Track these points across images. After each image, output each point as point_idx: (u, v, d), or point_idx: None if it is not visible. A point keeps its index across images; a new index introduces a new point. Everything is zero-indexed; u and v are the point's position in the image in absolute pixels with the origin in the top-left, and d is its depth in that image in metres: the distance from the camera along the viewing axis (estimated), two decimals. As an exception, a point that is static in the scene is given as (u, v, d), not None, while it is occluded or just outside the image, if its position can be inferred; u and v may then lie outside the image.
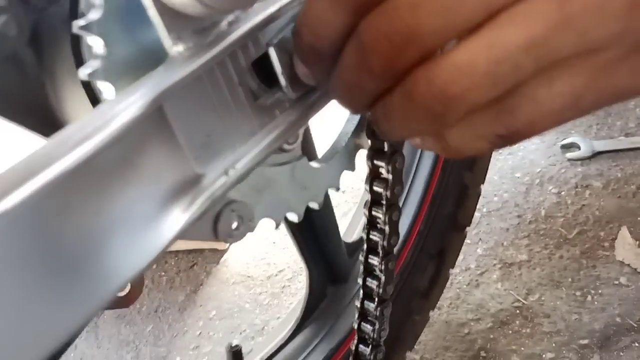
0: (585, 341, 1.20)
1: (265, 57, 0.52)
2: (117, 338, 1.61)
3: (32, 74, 0.53)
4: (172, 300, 1.67)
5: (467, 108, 0.30)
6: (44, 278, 0.36)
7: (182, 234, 0.45)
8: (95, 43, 0.44)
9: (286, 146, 0.61)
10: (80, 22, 0.44)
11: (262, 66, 0.53)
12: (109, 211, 0.39)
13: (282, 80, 0.53)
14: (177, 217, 0.44)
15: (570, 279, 1.32)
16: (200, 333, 1.50)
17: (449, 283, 1.19)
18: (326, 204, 0.93)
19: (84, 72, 0.42)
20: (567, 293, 1.29)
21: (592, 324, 1.22)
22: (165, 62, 0.44)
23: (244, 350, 1.44)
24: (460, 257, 1.19)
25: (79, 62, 0.52)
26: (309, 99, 0.55)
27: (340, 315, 0.99)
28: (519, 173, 1.63)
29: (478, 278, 1.38)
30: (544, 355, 1.19)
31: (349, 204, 1.71)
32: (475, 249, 1.45)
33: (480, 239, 1.47)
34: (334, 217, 0.96)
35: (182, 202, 0.45)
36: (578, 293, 1.29)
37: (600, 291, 1.28)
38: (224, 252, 1.75)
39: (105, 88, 0.44)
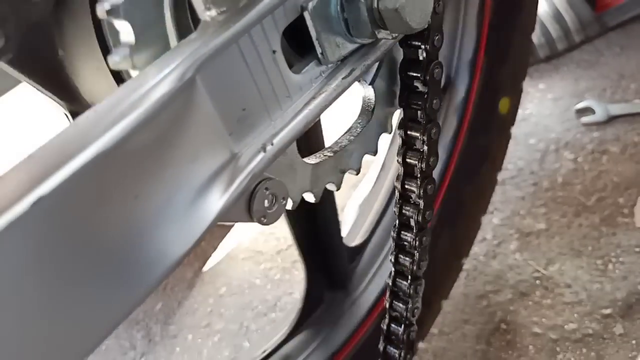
0: (608, 310, 1.17)
1: (299, 22, 0.48)
2: (127, 317, 1.58)
3: (52, 42, 0.49)
4: (180, 277, 1.63)
5: None
6: (87, 269, 0.32)
7: (221, 217, 0.42)
8: (123, 29, 0.40)
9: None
10: (105, 5, 0.39)
11: (294, 33, 0.49)
12: (148, 194, 0.36)
13: (318, 47, 0.49)
14: (217, 198, 0.41)
15: (590, 248, 1.29)
16: (211, 310, 1.48)
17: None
18: (330, 199, 0.88)
19: (113, 60, 0.38)
20: (588, 262, 1.26)
21: (614, 292, 1.20)
22: (197, 29, 0.40)
23: (254, 328, 1.41)
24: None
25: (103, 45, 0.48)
26: (345, 68, 0.51)
27: (337, 324, 0.91)
28: (533, 139, 1.59)
29: (495, 249, 1.35)
30: (566, 326, 1.17)
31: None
32: (491, 219, 1.41)
33: (495, 208, 1.44)
34: (337, 216, 0.90)
35: (220, 182, 0.41)
36: (599, 262, 1.26)
37: (621, 259, 1.25)
38: (230, 227, 1.72)
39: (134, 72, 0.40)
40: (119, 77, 0.47)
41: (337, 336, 0.88)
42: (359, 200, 1.59)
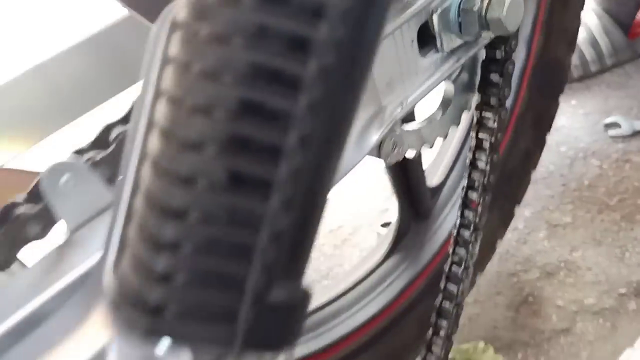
0: (623, 290, 1.37)
1: (426, 22, 0.69)
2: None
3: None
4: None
5: None
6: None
7: (374, 147, 0.63)
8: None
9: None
10: None
11: (421, 29, 0.70)
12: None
13: (438, 39, 0.70)
14: (374, 133, 0.62)
15: (610, 239, 1.49)
16: (271, 275, 1.68)
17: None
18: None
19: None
20: (608, 250, 1.46)
21: (630, 276, 1.39)
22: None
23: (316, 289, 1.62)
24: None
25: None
26: (454, 56, 0.72)
27: (422, 248, 1.12)
28: (564, 147, 1.79)
29: (526, 236, 1.55)
30: (585, 301, 1.37)
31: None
32: (523, 212, 1.61)
33: (528, 203, 1.64)
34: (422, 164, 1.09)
35: (376, 122, 0.63)
36: (617, 250, 1.45)
37: (637, 249, 1.45)
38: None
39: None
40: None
41: (421, 260, 1.09)
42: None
